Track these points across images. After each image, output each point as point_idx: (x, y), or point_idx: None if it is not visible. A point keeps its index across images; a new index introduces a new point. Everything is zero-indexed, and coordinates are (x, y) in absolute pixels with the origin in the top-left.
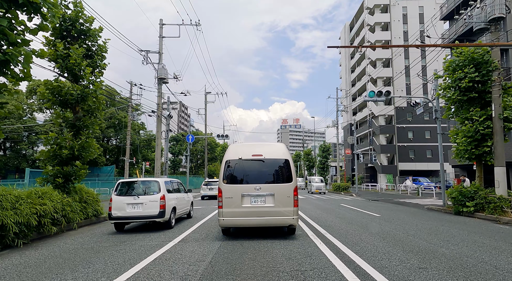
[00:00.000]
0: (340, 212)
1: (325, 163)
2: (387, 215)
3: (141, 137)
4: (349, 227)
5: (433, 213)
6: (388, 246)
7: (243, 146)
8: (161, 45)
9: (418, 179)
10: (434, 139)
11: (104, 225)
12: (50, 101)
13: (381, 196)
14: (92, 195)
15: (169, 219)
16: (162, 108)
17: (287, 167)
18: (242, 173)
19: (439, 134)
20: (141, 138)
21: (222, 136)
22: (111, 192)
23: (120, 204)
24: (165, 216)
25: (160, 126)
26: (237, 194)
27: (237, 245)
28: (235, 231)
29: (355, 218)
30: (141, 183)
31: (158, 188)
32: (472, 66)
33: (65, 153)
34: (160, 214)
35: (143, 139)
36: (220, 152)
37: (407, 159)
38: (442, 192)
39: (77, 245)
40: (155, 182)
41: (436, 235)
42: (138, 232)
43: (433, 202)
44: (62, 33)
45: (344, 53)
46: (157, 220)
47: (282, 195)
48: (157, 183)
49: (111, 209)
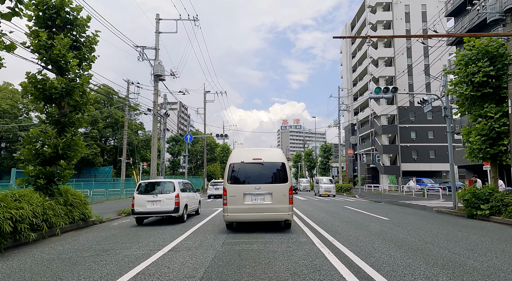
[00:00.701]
0: (345, 215)
1: (327, 163)
2: (396, 218)
3: (140, 138)
4: (358, 233)
5: (444, 216)
6: (407, 257)
7: (245, 151)
8: (158, 41)
9: (422, 180)
10: (437, 140)
11: (91, 230)
12: (33, 95)
13: (385, 197)
14: (80, 197)
15: (182, 214)
16: (158, 106)
17: (283, 169)
18: (244, 174)
19: (449, 133)
20: (140, 139)
21: (222, 136)
22: (107, 193)
23: (141, 201)
24: (179, 212)
25: (156, 125)
26: (240, 193)
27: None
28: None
29: (363, 222)
30: (159, 183)
31: (173, 188)
32: (487, 60)
33: (48, 151)
34: (175, 209)
35: (142, 140)
36: (220, 152)
37: (410, 159)
38: (452, 193)
39: (54, 255)
40: (170, 183)
41: (456, 243)
42: (124, 240)
43: (441, 204)
44: (46, 22)
45: (345, 52)
46: (173, 214)
47: (279, 194)
48: (172, 183)
49: (133, 206)
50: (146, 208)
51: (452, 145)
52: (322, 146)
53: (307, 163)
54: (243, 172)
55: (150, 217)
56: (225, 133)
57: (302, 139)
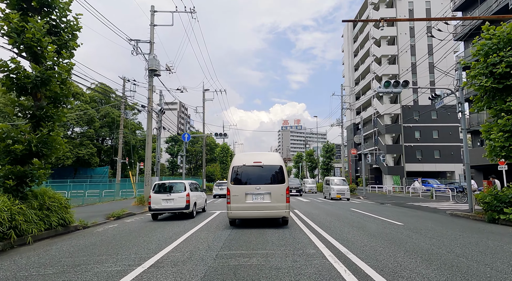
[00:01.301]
0: (354, 219)
1: (329, 163)
2: (411, 223)
3: (138, 138)
4: (374, 242)
5: (462, 221)
6: (445, 277)
7: (246, 155)
8: (153, 34)
9: (427, 181)
10: (442, 139)
11: (70, 237)
12: (4, 85)
13: (391, 198)
14: (59, 200)
15: (192, 210)
16: (154, 103)
17: (281, 171)
18: (246, 176)
19: (464, 130)
20: (138, 138)
21: (221, 135)
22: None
23: (157, 199)
24: (189, 208)
25: (151, 123)
26: (242, 193)
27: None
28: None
29: (375, 227)
30: (171, 184)
31: (184, 188)
32: (510, 49)
33: (19, 148)
34: (186, 206)
35: (140, 139)
36: (220, 153)
37: (414, 159)
38: (468, 195)
39: (10, 273)
40: (181, 183)
41: (493, 256)
42: (102, 250)
43: (453, 207)
44: (20, 4)
45: (347, 51)
46: (184, 211)
47: (277, 193)
48: (183, 183)
49: (150, 203)
50: (161, 205)
51: (451, 145)
52: (324, 146)
53: (309, 163)
54: (244, 173)
55: (164, 213)
56: (225, 132)
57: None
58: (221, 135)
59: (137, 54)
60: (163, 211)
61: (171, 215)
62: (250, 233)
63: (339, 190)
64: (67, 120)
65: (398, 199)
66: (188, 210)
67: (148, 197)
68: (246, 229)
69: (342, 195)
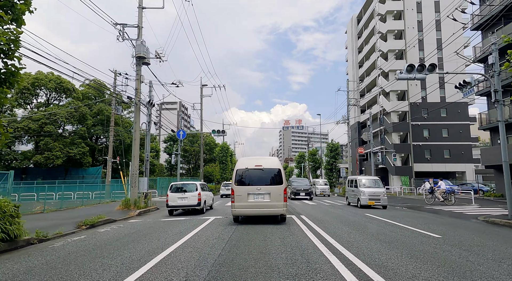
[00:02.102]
0: (375, 228)
1: (333, 163)
2: (449, 235)
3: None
4: (419, 266)
5: (506, 230)
6: None
7: (249, 159)
8: (141, 18)
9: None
10: (452, 138)
11: (12, 257)
12: None
13: (403, 201)
14: (4, 207)
15: (202, 207)
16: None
17: (279, 174)
18: (248, 178)
19: (501, 122)
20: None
21: (219, 132)
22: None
23: (173, 197)
24: (200, 205)
25: (139, 116)
26: (244, 193)
27: None
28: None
29: (408, 242)
30: (185, 184)
31: (196, 188)
32: None
33: None
34: (198, 204)
35: None
36: (219, 152)
37: (423, 159)
38: (507, 198)
39: None
40: (193, 184)
41: None
42: (45, 278)
43: (482, 211)
44: None
45: (351, 47)
46: (196, 207)
47: (276, 194)
48: (195, 184)
49: (167, 201)
50: (176, 203)
51: (462, 144)
52: (328, 145)
53: (311, 163)
54: (247, 176)
55: (179, 209)
56: (223, 130)
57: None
58: (219, 133)
59: (123, 40)
60: (178, 208)
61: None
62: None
63: (372, 194)
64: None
65: (412, 202)
66: (200, 206)
67: (134, 200)
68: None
69: (377, 201)
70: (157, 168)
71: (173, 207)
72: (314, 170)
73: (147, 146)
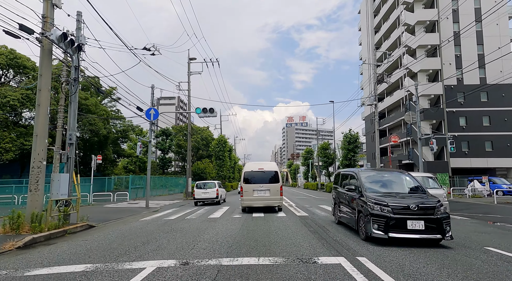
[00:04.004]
0: None
1: (352, 158)
2: None
3: (116, 128)
4: None
5: None
6: None
7: (253, 164)
8: None
9: (493, 180)
10: (495, 128)
11: None
12: None
13: (466, 207)
14: None
15: (219, 200)
16: (55, 25)
17: (276, 175)
18: (253, 178)
19: None
20: (117, 129)
21: (205, 110)
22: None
23: (198, 192)
24: (218, 198)
25: (49, 62)
26: (250, 189)
27: None
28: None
29: None
30: (206, 183)
31: (215, 185)
32: None
33: None
34: (216, 197)
35: (118, 130)
36: (215, 146)
37: (459, 153)
38: None
39: None
40: (213, 183)
41: None
42: None
43: None
44: None
45: (366, 28)
46: (214, 200)
47: (274, 190)
48: (214, 183)
49: (194, 195)
50: (201, 196)
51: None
52: (346, 136)
53: (323, 159)
54: (252, 176)
55: (202, 201)
56: (211, 108)
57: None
58: (206, 112)
59: None
60: (202, 200)
61: None
62: None
63: None
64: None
65: (477, 208)
66: (217, 199)
67: (32, 215)
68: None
69: None
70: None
71: (198, 199)
72: (325, 166)
73: (72, 120)
